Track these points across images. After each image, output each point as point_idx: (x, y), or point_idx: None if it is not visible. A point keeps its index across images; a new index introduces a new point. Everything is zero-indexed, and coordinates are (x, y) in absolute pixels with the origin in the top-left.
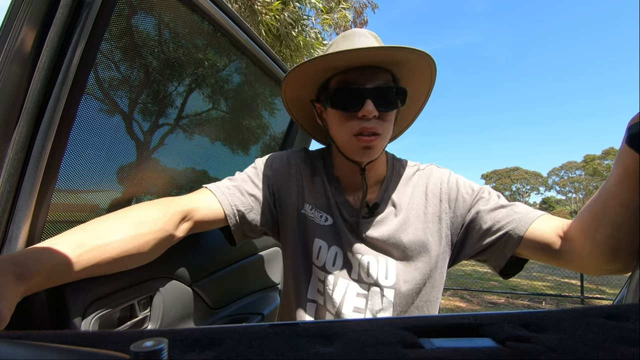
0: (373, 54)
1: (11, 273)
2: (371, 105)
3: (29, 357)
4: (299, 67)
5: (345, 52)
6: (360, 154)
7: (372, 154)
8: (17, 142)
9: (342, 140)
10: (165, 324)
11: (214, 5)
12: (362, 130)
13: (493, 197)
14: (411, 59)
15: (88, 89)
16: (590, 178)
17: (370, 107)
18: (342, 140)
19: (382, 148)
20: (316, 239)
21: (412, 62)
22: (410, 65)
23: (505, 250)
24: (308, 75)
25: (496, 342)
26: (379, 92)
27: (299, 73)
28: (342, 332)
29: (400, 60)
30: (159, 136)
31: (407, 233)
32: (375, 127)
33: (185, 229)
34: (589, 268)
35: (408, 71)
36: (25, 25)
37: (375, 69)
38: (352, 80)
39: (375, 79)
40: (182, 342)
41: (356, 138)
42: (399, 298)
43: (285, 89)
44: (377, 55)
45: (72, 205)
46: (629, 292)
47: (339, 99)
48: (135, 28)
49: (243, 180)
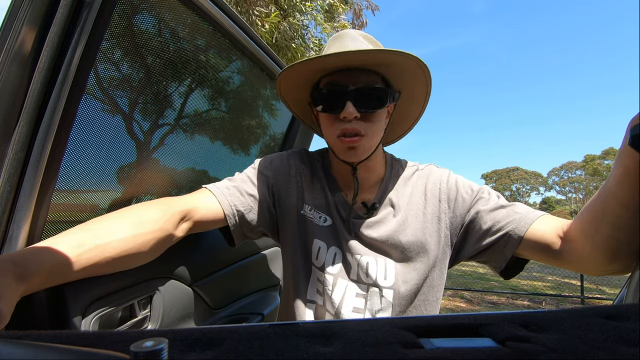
0: (357, 57)
1: (11, 273)
2: (351, 107)
3: (29, 357)
4: (291, 67)
5: (329, 56)
6: (345, 154)
7: (357, 154)
8: (17, 142)
9: (330, 141)
10: (165, 324)
11: (214, 5)
12: (344, 131)
13: (493, 197)
14: (397, 60)
15: (88, 89)
16: (590, 178)
17: (351, 108)
18: (329, 141)
19: (368, 148)
20: (315, 239)
21: (400, 64)
22: (400, 67)
23: (506, 251)
24: (302, 75)
25: (496, 342)
26: (360, 93)
27: (292, 72)
28: (342, 332)
29: (387, 62)
30: (158, 136)
31: (406, 234)
32: (356, 128)
33: (184, 228)
34: (589, 268)
35: (398, 73)
36: (25, 25)
37: (361, 71)
38: (336, 82)
39: (358, 81)
40: (182, 342)
41: (339, 139)
42: (398, 298)
43: (280, 88)
44: (363, 58)
45: (72, 205)
46: (629, 292)
47: (322, 101)
48: (136, 28)
49: (242, 180)
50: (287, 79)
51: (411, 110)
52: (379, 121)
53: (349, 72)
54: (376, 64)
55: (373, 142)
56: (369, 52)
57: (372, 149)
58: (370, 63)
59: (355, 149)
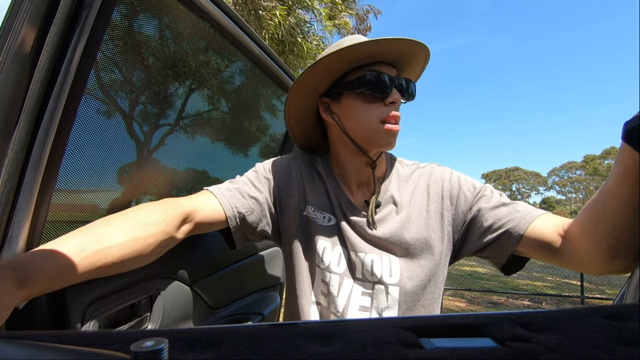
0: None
1: (10, 279)
2: (398, 93)
3: (29, 357)
4: (318, 62)
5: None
6: (386, 140)
7: (394, 142)
8: (17, 142)
9: (364, 127)
10: (165, 324)
11: (215, 6)
12: (392, 117)
13: (495, 195)
14: (416, 53)
15: (88, 89)
16: (590, 178)
17: (397, 94)
18: (363, 127)
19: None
20: (320, 240)
21: (414, 56)
22: (409, 60)
23: (506, 248)
24: (325, 70)
25: (496, 342)
26: (404, 82)
27: (319, 68)
28: (342, 332)
29: (409, 54)
30: (159, 136)
31: (410, 230)
32: (399, 115)
33: (185, 230)
34: (589, 267)
35: (403, 65)
36: (25, 25)
37: (387, 65)
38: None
39: (392, 72)
40: (182, 342)
41: (383, 125)
42: (404, 295)
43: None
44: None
45: (72, 205)
46: (629, 292)
47: (368, 84)
48: (136, 28)
49: (244, 183)
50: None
51: None
52: None
53: (383, 65)
54: (402, 56)
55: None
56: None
57: None
58: (400, 54)
59: (394, 137)
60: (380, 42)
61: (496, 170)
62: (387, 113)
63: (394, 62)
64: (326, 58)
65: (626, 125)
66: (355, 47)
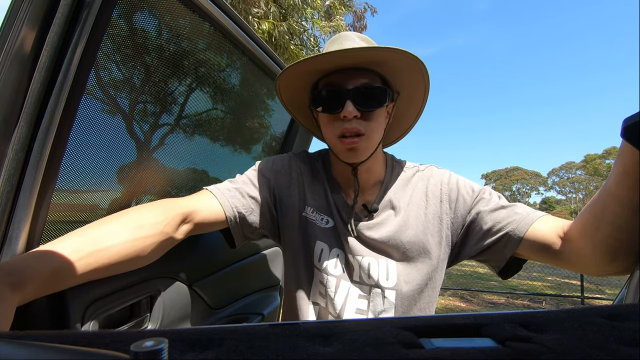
0: (352, 55)
1: (5, 284)
2: (351, 106)
3: (29, 357)
4: (287, 69)
5: (323, 55)
6: (345, 155)
7: (358, 155)
8: (17, 142)
9: (330, 142)
10: (165, 324)
11: (214, 5)
12: (344, 131)
13: (494, 197)
14: (394, 58)
15: (88, 89)
16: (590, 178)
17: (350, 107)
18: (329, 142)
19: (369, 149)
20: (317, 241)
21: (396, 63)
22: (397, 66)
23: (505, 251)
24: (299, 78)
25: (496, 342)
26: (359, 92)
27: (289, 74)
28: (342, 332)
29: (381, 59)
30: (159, 136)
31: (407, 234)
32: (357, 127)
33: (185, 231)
34: (589, 268)
35: (397, 72)
36: (25, 25)
37: (358, 70)
38: (334, 82)
39: (356, 80)
40: (182, 342)
41: (340, 140)
42: (400, 299)
43: (279, 91)
44: (357, 56)
45: (72, 205)
46: (629, 292)
47: (321, 101)
48: (136, 28)
49: (244, 182)
50: (286, 82)
51: (410, 112)
52: (379, 121)
53: (347, 72)
54: (371, 63)
55: (373, 142)
56: (362, 49)
57: (372, 150)
58: (365, 61)
59: (355, 150)
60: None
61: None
62: (340, 128)
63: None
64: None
65: (625, 122)
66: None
